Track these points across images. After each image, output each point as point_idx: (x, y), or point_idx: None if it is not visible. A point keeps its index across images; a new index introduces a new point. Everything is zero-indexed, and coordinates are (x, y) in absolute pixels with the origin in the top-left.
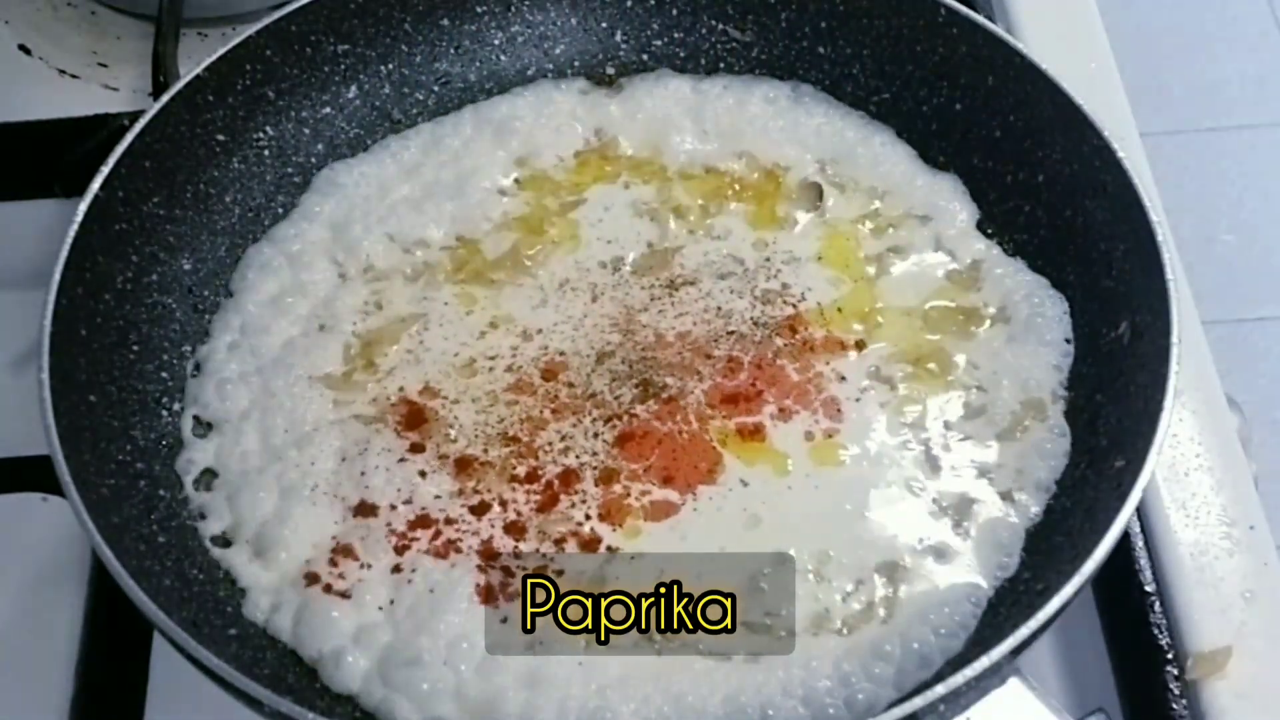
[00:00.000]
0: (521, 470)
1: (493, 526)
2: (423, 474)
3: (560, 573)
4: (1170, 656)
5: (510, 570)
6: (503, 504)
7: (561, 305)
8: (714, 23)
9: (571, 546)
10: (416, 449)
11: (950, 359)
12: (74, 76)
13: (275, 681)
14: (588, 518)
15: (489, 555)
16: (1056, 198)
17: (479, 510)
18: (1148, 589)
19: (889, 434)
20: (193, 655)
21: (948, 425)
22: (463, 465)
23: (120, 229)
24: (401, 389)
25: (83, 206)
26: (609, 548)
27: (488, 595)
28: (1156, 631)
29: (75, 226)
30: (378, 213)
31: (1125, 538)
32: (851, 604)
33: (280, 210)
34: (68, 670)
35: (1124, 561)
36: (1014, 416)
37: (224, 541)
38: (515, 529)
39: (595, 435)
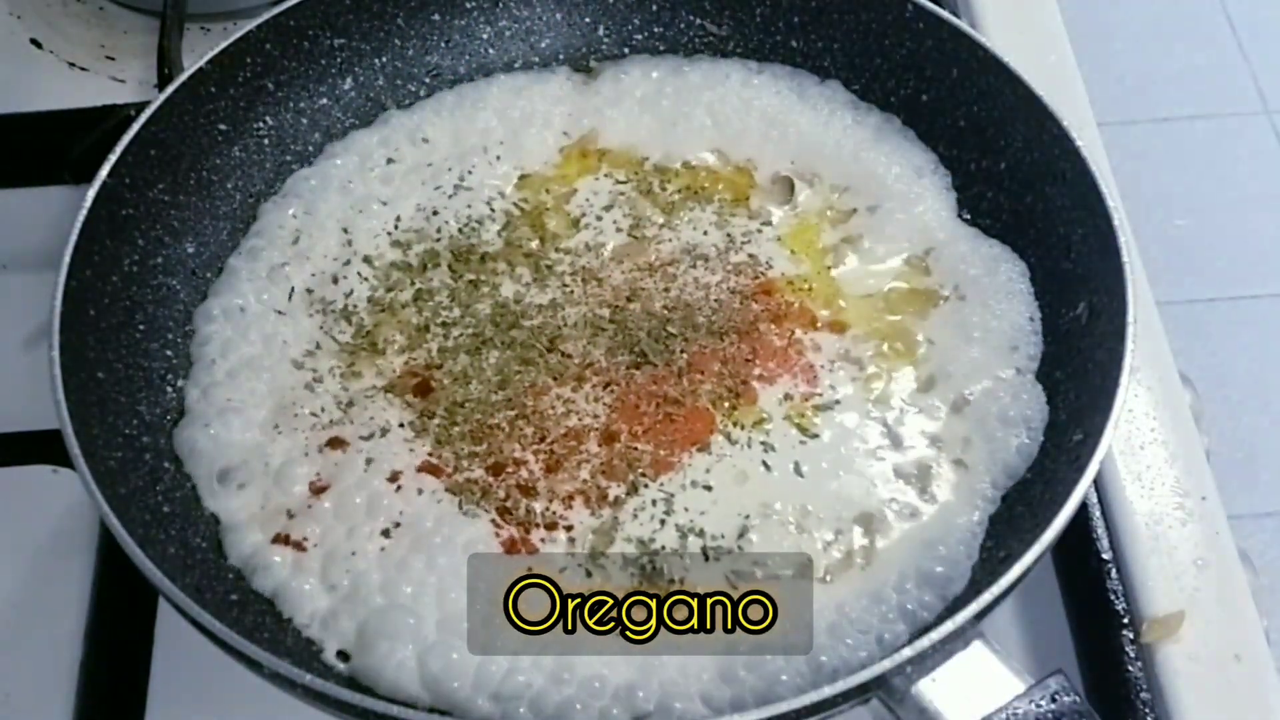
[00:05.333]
0: (529, 431)
1: (507, 485)
2: (439, 440)
3: (570, 527)
4: (1126, 621)
5: (526, 526)
6: (516, 464)
7: (557, 287)
8: (691, 17)
9: (579, 503)
10: (428, 415)
11: (913, 338)
12: (83, 69)
13: (274, 645)
14: (593, 476)
15: (504, 513)
16: (1018, 184)
17: (494, 470)
18: (1105, 557)
19: (857, 404)
20: (196, 620)
21: (908, 399)
22: (475, 429)
23: (127, 214)
24: (408, 363)
25: (91, 192)
26: (614, 502)
27: (509, 548)
28: (1113, 597)
29: (84, 211)
30: (377, 202)
31: (1083, 508)
32: (832, 553)
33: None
34: (77, 634)
35: (1082, 530)
36: (971, 391)
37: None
38: (527, 488)
39: (596, 400)
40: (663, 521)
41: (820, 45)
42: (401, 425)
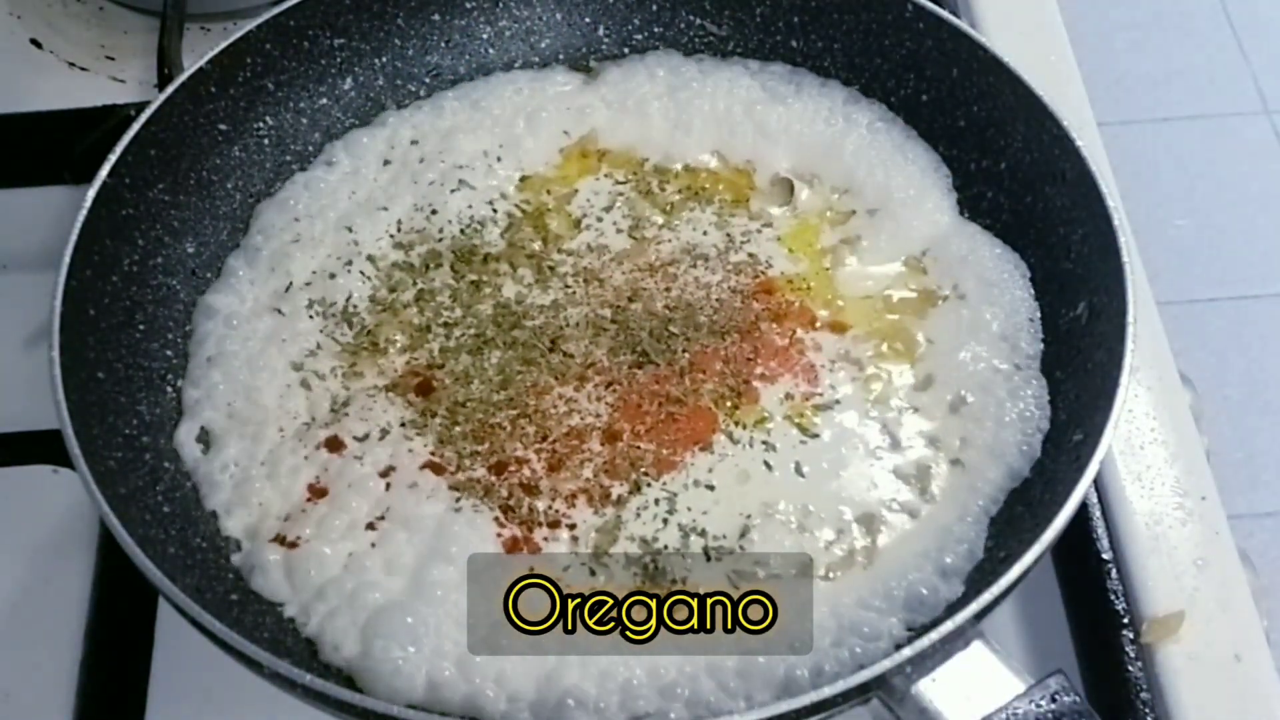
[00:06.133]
0: (531, 431)
1: (509, 484)
2: (440, 440)
3: (573, 526)
4: (1126, 621)
5: (529, 525)
6: (518, 463)
7: (559, 287)
8: (692, 17)
9: (582, 502)
10: (429, 414)
11: (912, 338)
12: (83, 69)
13: (275, 645)
14: (595, 474)
15: (507, 511)
16: (1018, 185)
17: (497, 469)
18: (1105, 557)
19: (857, 404)
20: (196, 620)
21: (907, 399)
22: (477, 428)
23: (127, 214)
24: (410, 363)
25: (91, 192)
26: (617, 501)
27: (511, 546)
28: (1113, 597)
29: (84, 212)
30: (378, 202)
31: (1083, 508)
32: (834, 552)
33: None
34: (77, 634)
35: (1082, 530)
36: (969, 391)
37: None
38: (529, 487)
39: (598, 399)
40: (665, 520)
41: (820, 45)
42: (403, 424)
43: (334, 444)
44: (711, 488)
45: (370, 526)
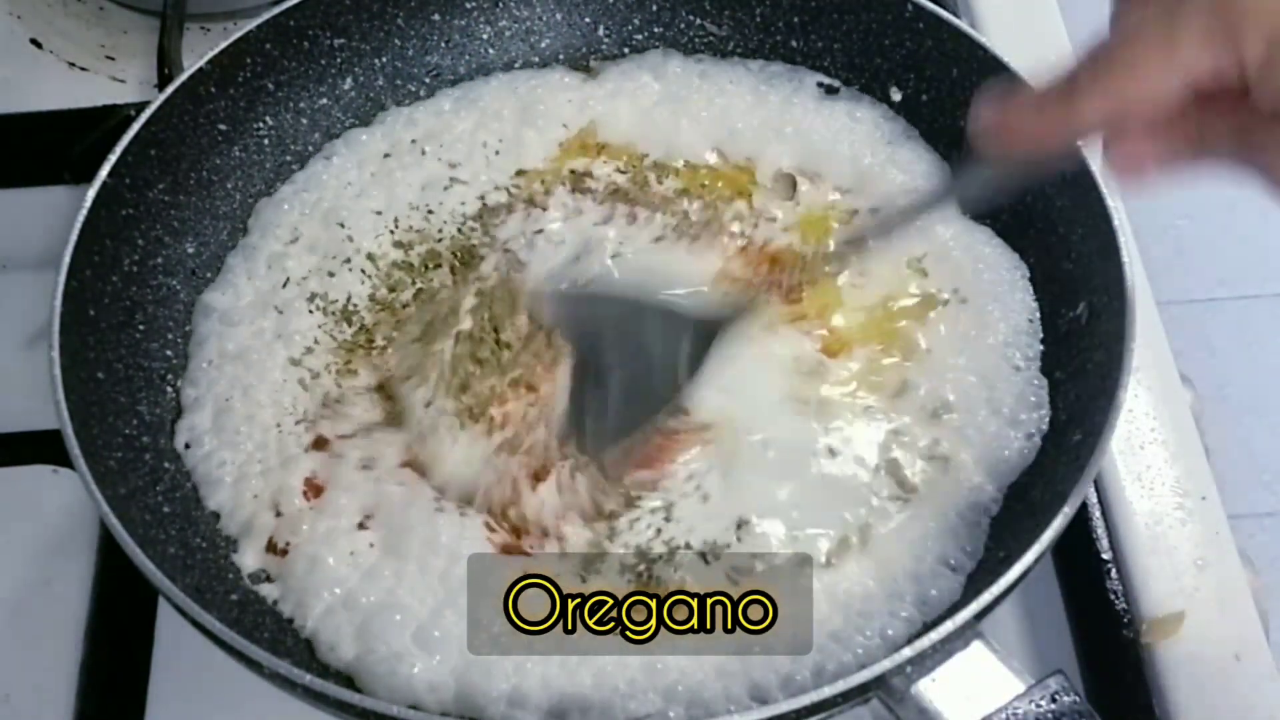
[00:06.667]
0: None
1: (507, 490)
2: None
3: (562, 538)
4: (1126, 621)
5: (518, 532)
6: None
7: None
8: (691, 17)
9: (574, 515)
10: None
11: (913, 339)
12: (83, 69)
13: (274, 645)
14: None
15: (502, 517)
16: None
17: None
18: (1105, 557)
19: (855, 404)
20: (196, 620)
21: (906, 399)
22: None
23: (127, 214)
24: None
25: (91, 193)
26: (610, 513)
27: (505, 550)
28: (1113, 597)
29: (84, 212)
30: (377, 201)
31: (1083, 508)
32: (831, 557)
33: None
34: (77, 634)
35: (1082, 531)
36: (969, 391)
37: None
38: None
39: None
40: (660, 530)
41: (820, 45)
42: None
43: (330, 442)
44: (701, 488)
45: (367, 528)
